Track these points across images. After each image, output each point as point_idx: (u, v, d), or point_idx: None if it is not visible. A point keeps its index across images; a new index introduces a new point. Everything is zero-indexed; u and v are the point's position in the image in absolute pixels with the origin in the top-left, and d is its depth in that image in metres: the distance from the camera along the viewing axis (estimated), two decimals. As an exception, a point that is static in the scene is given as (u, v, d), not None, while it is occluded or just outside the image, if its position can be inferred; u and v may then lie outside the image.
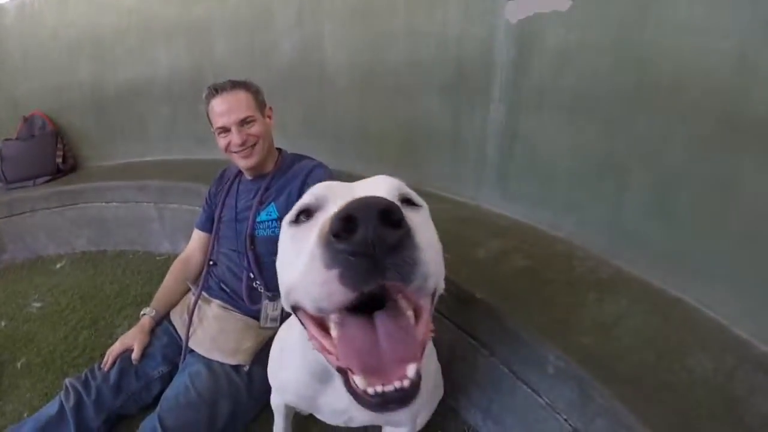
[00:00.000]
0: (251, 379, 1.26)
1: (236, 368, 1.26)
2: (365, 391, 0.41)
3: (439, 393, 1.14)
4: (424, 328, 0.46)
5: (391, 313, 0.43)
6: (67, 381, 1.29)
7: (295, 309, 0.51)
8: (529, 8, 1.35)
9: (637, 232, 1.22)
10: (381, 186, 0.54)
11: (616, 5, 1.16)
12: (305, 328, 0.50)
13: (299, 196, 1.28)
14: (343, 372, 0.44)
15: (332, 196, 0.51)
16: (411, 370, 0.41)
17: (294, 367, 0.77)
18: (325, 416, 0.86)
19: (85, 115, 2.83)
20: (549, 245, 1.37)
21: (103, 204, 2.47)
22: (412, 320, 0.45)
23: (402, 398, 0.40)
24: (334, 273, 0.37)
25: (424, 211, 0.57)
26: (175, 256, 2.34)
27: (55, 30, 2.70)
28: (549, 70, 1.35)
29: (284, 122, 1.47)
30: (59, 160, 2.67)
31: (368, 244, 0.35)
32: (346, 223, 0.35)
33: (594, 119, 1.26)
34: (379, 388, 0.41)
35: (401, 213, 0.37)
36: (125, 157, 2.90)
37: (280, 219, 1.32)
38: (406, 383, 0.40)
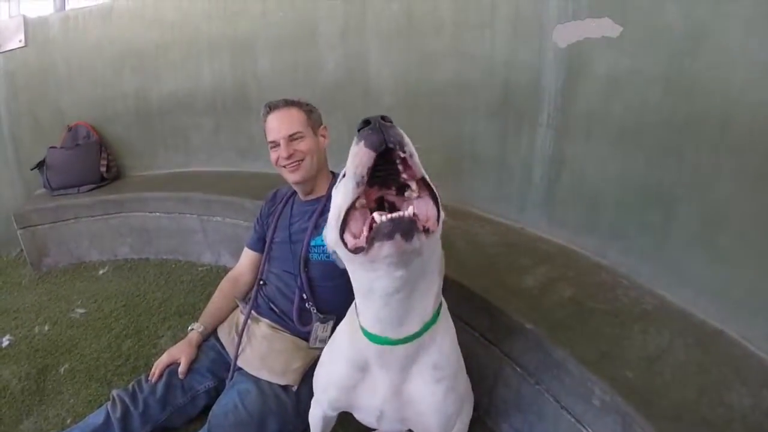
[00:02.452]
0: (299, 399, 1.33)
1: (284, 388, 1.34)
2: (381, 220, 0.64)
3: (469, 409, 1.22)
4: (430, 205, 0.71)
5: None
6: (114, 392, 1.39)
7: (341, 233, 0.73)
8: (578, 33, 1.42)
9: (681, 263, 1.29)
10: None
11: (668, 34, 1.21)
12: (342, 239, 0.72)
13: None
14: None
15: None
16: (409, 209, 0.65)
17: (341, 357, 0.96)
18: (362, 412, 1.00)
19: (128, 126, 3.01)
20: (594, 273, 1.45)
21: (147, 213, 2.63)
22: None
23: (398, 224, 0.63)
24: (362, 143, 0.66)
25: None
26: (217, 267, 2.51)
27: (99, 43, 2.88)
28: (598, 97, 1.42)
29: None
30: (103, 169, 2.85)
31: (376, 126, 0.66)
32: (365, 123, 0.67)
33: (642, 149, 1.32)
34: (387, 216, 0.64)
35: (391, 120, 0.67)
36: (168, 167, 3.07)
37: None
38: (403, 214, 0.64)
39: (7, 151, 3.04)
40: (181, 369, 1.44)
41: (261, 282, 1.55)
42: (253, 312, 1.49)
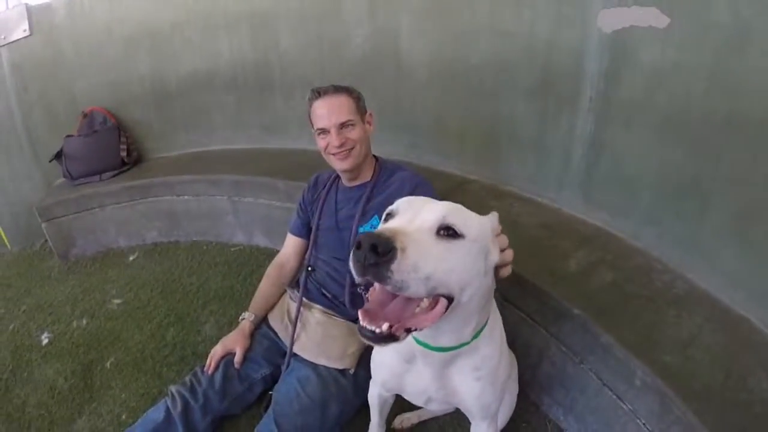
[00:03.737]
0: (357, 381, 1.46)
1: (342, 371, 1.46)
2: (361, 324, 0.73)
3: (514, 392, 1.40)
4: (422, 317, 0.75)
5: (400, 297, 0.75)
6: (172, 388, 1.49)
7: None
8: (624, 20, 1.48)
9: (712, 252, 1.43)
10: (434, 214, 0.79)
11: (716, 29, 1.27)
12: None
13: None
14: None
15: (402, 211, 0.82)
16: (384, 326, 0.71)
17: (391, 347, 1.11)
18: (410, 395, 1.14)
19: (146, 108, 3.06)
20: (630, 256, 1.61)
21: (174, 197, 2.72)
22: (410, 309, 0.76)
23: (373, 337, 0.72)
24: (353, 263, 0.68)
25: (463, 241, 0.78)
26: (250, 247, 2.66)
27: (108, 26, 2.89)
28: (641, 87, 1.50)
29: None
30: (123, 153, 2.92)
31: (361, 258, 0.66)
32: (357, 246, 0.67)
33: (682, 141, 1.43)
34: (368, 326, 0.72)
35: (384, 249, 0.66)
36: (189, 147, 3.15)
37: None
38: (377, 330, 0.71)
39: (23, 144, 3.06)
40: (237, 359, 1.55)
41: (309, 268, 1.64)
42: (304, 299, 1.59)
